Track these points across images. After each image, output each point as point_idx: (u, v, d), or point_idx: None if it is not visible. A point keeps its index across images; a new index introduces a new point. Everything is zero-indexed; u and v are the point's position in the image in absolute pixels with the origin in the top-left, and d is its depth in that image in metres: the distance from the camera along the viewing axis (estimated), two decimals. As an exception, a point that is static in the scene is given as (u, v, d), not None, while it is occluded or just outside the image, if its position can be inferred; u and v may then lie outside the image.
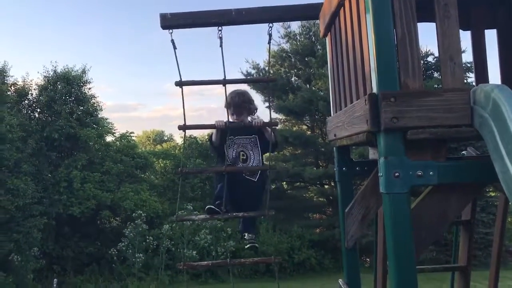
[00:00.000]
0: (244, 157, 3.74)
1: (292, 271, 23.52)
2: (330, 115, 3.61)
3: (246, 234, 3.85)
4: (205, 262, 3.83)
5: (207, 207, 3.65)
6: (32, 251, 20.71)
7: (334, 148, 3.51)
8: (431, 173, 2.16)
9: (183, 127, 3.27)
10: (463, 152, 3.53)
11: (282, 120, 28.30)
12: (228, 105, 3.76)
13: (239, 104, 3.77)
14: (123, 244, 22.41)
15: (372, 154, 3.45)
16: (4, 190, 19.68)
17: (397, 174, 2.12)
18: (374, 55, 2.23)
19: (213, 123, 3.58)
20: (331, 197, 26.62)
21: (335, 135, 3.30)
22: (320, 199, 28.70)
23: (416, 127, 2.15)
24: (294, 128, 28.39)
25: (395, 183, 2.12)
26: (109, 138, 27.74)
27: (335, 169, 3.55)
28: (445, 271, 4.43)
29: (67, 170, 23.03)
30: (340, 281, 3.50)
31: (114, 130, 28.26)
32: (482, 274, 17.70)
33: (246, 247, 3.78)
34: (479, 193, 3.27)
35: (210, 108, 63.83)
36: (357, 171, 3.52)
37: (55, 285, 21.04)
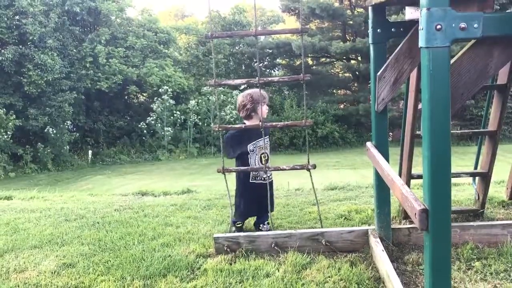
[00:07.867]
0: (266, 158, 3.78)
1: (316, 145, 24.20)
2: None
3: (261, 226, 3.81)
4: (238, 125, 3.86)
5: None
6: (65, 124, 21.65)
7: (369, 7, 3.31)
8: (475, 25, 2.01)
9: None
10: None
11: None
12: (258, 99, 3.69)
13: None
14: (151, 118, 23.15)
15: (409, 14, 3.26)
16: (32, 65, 19.95)
17: (439, 26, 1.99)
18: None
19: None
20: (357, 73, 26.22)
21: (371, -8, 3.10)
22: (346, 74, 28.32)
23: (465, -27, 1.97)
24: None
25: (436, 36, 1.99)
26: (130, 13, 27.16)
27: (369, 30, 3.37)
28: (474, 136, 4.42)
29: (91, 45, 23.00)
30: (369, 143, 3.54)
31: (134, 6, 27.60)
32: (506, 148, 17.90)
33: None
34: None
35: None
36: (392, 32, 3.34)
37: (90, 156, 22.31)
